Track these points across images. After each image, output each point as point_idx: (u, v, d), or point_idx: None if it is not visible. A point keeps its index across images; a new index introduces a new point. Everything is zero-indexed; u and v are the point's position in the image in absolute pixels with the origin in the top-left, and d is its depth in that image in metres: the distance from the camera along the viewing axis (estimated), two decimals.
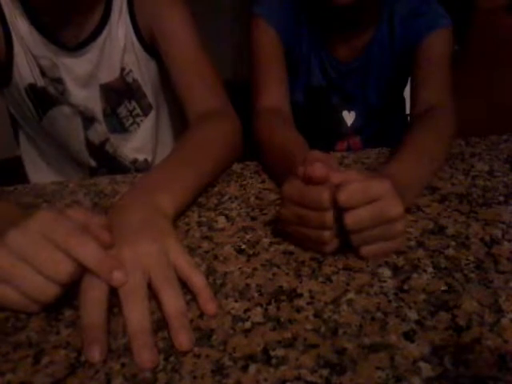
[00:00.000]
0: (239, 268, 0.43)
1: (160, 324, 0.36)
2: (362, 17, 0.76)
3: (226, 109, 0.68)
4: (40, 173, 0.86)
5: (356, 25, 0.77)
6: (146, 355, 0.33)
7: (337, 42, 0.79)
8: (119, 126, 0.79)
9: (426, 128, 0.63)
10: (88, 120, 0.76)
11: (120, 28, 0.71)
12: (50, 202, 0.56)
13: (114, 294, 0.36)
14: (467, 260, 0.43)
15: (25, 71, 0.69)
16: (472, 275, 0.41)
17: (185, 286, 0.39)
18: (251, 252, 0.45)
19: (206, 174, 0.56)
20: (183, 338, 0.34)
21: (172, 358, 0.33)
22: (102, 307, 0.35)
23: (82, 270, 0.36)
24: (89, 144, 0.79)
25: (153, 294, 0.37)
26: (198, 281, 0.39)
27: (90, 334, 0.34)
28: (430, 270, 0.42)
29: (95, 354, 0.33)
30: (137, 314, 0.35)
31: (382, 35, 0.77)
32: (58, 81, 0.71)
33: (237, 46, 1.69)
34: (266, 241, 0.47)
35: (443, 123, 0.65)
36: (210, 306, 0.37)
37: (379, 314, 0.37)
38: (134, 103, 0.77)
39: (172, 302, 0.36)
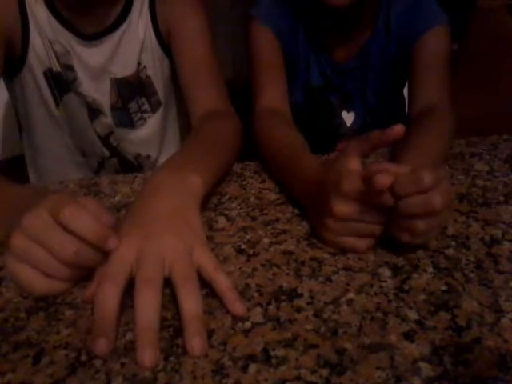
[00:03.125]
0: (239, 268, 0.43)
1: (161, 324, 0.36)
2: (359, 17, 0.76)
3: (228, 109, 0.70)
4: (43, 177, 0.86)
5: (353, 25, 0.77)
6: (147, 354, 0.33)
7: (334, 42, 0.79)
8: (128, 121, 0.79)
9: (429, 128, 0.63)
10: (93, 112, 0.77)
11: (140, 25, 0.72)
12: None
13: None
14: (467, 260, 0.43)
15: (43, 55, 0.70)
16: (472, 275, 0.41)
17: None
18: (251, 252, 0.45)
19: (222, 163, 0.56)
20: (196, 344, 0.33)
21: (172, 358, 0.33)
22: (115, 301, 0.35)
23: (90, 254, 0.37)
24: (97, 134, 0.80)
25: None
26: (222, 282, 0.38)
27: (100, 327, 0.34)
28: (430, 270, 0.42)
29: (100, 346, 0.33)
30: (148, 308, 0.34)
31: (379, 34, 0.77)
32: (70, 68, 0.72)
33: (237, 46, 1.69)
34: (266, 241, 0.47)
35: (445, 123, 0.65)
36: (237, 306, 0.37)
37: (379, 314, 0.37)
38: (143, 99, 0.79)
39: (189, 302, 0.35)
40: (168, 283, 0.37)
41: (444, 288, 0.39)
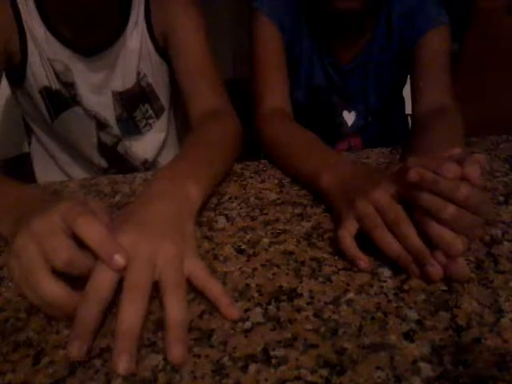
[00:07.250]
0: (239, 268, 0.43)
1: (160, 324, 0.36)
2: (361, 18, 0.76)
3: (227, 108, 0.70)
4: (50, 175, 0.86)
5: (356, 26, 0.77)
6: (122, 362, 0.32)
7: (337, 42, 0.79)
8: (134, 129, 0.80)
9: (443, 130, 0.63)
10: (101, 123, 0.77)
11: (135, 37, 0.72)
12: None
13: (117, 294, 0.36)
14: (467, 260, 0.43)
15: (40, 74, 0.70)
16: (472, 275, 0.41)
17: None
18: (251, 252, 0.45)
19: (219, 171, 0.56)
20: (176, 351, 0.33)
21: None
22: (100, 305, 0.34)
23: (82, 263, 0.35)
24: (101, 145, 0.80)
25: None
26: (215, 288, 0.38)
27: (77, 330, 0.33)
28: None
29: (74, 351, 0.32)
30: (131, 314, 0.33)
31: (381, 35, 0.78)
32: (71, 85, 0.72)
33: (237, 46, 1.69)
34: (265, 241, 0.47)
35: (457, 123, 0.65)
36: (231, 310, 0.37)
37: (379, 314, 0.37)
38: (147, 106, 0.79)
39: (175, 309, 0.35)
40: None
41: (444, 288, 0.39)
